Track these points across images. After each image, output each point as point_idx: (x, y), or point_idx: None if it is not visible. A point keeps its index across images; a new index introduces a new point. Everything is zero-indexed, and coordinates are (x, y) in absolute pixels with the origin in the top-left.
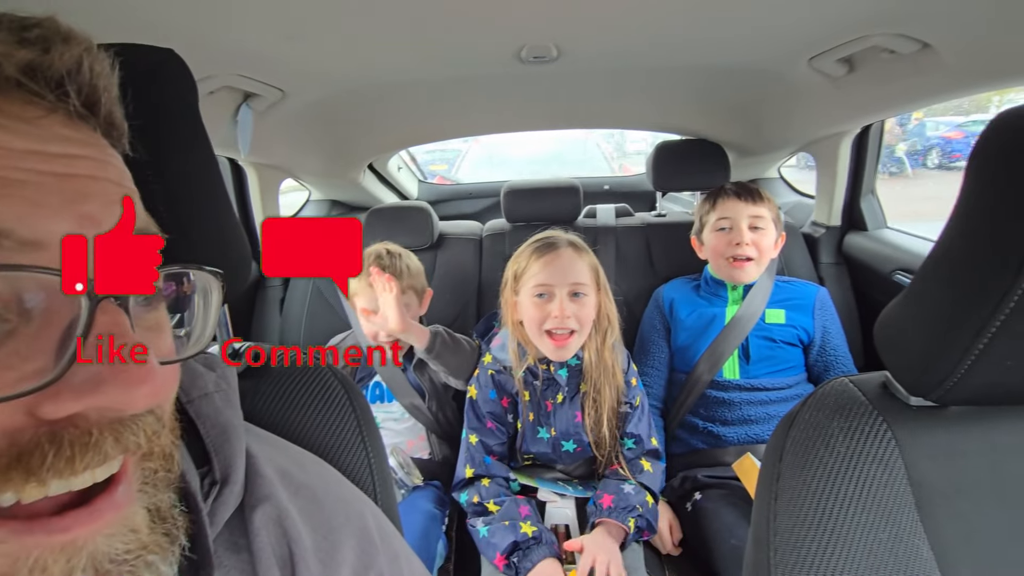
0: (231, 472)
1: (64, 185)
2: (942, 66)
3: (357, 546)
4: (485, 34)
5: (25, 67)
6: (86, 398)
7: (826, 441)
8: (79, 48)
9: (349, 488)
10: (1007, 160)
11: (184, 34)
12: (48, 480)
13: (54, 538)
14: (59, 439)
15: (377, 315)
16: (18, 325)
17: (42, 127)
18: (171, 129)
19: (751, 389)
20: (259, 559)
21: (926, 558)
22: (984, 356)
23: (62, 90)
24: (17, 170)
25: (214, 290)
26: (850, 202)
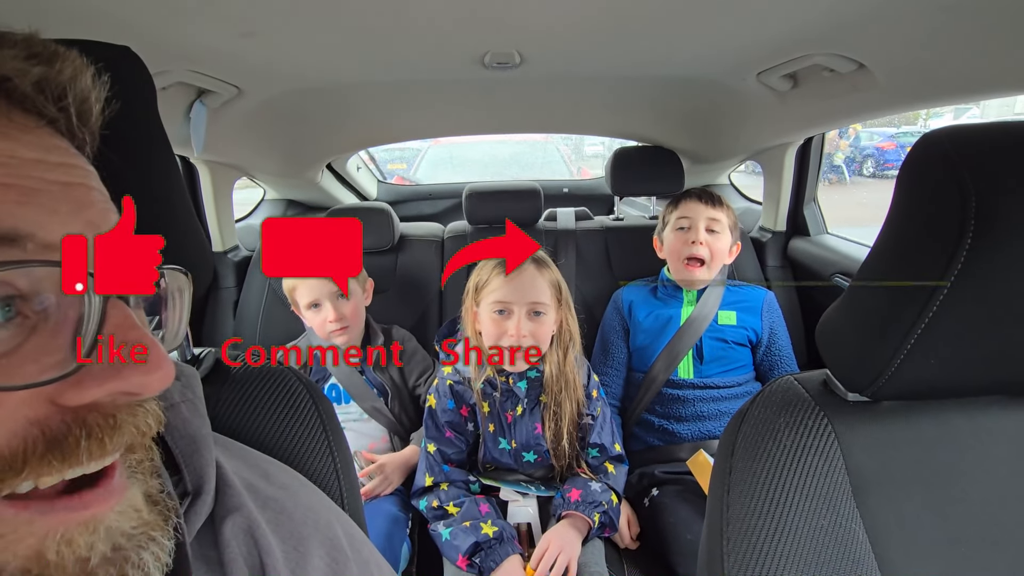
0: (203, 483)
1: (68, 193)
2: (876, 85)
3: (327, 555)
4: (450, 39)
5: (37, 82)
6: (109, 384)
7: (774, 435)
8: (73, 63)
9: (317, 496)
10: (930, 178)
11: (136, 28)
12: (82, 462)
13: (76, 514)
14: (87, 424)
15: None
16: (38, 321)
17: (28, 138)
18: (128, 129)
19: (704, 387)
20: (231, 570)
21: (862, 541)
22: (911, 355)
23: (62, 103)
24: (30, 179)
25: (185, 289)
26: (794, 209)
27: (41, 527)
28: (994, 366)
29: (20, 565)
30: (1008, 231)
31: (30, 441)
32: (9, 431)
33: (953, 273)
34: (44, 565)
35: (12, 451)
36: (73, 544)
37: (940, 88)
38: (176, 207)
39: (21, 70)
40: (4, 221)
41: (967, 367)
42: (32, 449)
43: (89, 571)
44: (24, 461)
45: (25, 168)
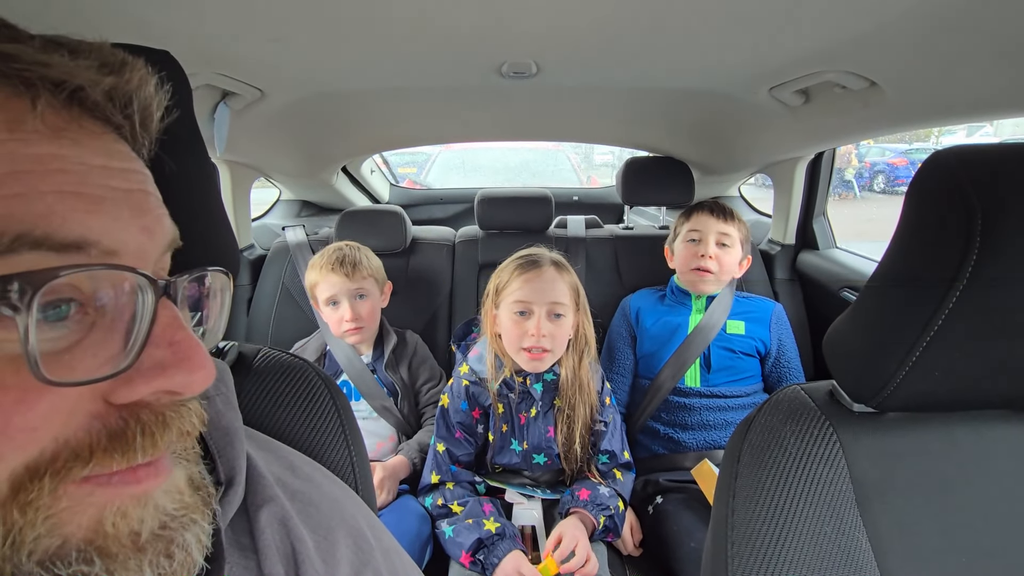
0: (235, 474)
1: (129, 199)
2: (886, 102)
3: (353, 544)
4: (470, 48)
5: (108, 91)
6: (155, 382)
7: (779, 443)
8: (140, 72)
9: (339, 487)
10: (937, 197)
11: (169, 32)
12: (138, 457)
13: (130, 489)
14: (142, 421)
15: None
16: (96, 319)
17: (98, 144)
18: (168, 130)
19: (711, 396)
20: (265, 556)
21: (865, 549)
22: (916, 367)
23: (128, 111)
24: (98, 186)
25: (226, 289)
26: (803, 222)
27: (100, 498)
28: (998, 380)
29: (83, 536)
30: (1012, 248)
31: (94, 434)
32: (76, 424)
33: (958, 288)
34: (103, 536)
35: (79, 443)
36: (127, 516)
37: (949, 107)
38: (213, 208)
39: (94, 80)
40: (74, 230)
41: (971, 380)
42: (97, 442)
43: (140, 546)
44: (91, 452)
45: (93, 175)
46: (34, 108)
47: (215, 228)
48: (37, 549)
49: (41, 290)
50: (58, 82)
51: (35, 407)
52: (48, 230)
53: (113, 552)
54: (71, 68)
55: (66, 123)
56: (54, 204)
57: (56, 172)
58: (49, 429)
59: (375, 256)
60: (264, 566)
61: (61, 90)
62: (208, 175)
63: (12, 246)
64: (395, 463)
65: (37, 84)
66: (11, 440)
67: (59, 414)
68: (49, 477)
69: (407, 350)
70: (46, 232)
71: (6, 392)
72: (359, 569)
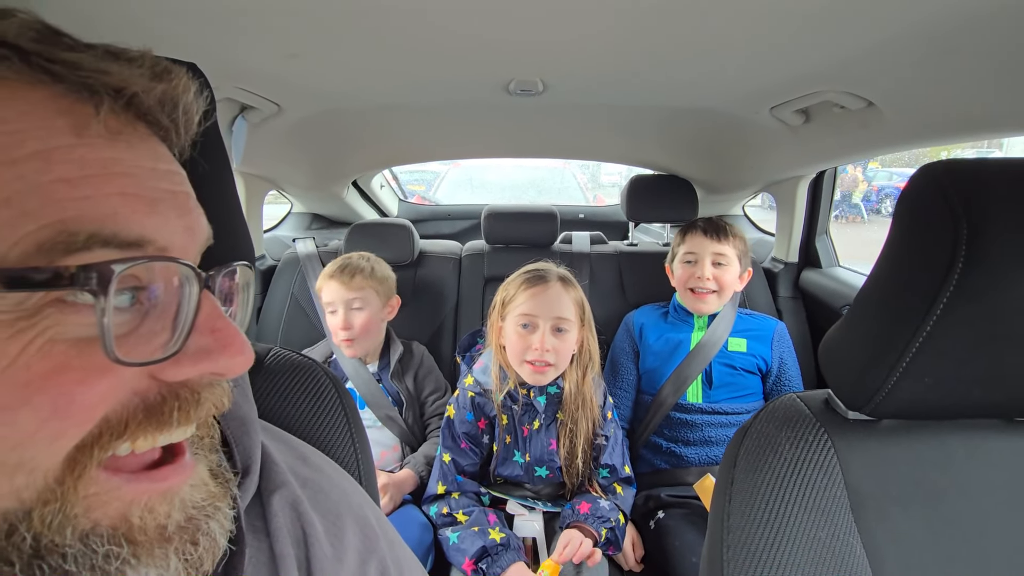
0: (251, 462)
1: (175, 201)
2: (884, 122)
3: (360, 532)
4: (479, 65)
5: (160, 99)
6: (201, 364)
7: (775, 449)
8: (183, 79)
9: (347, 479)
10: (925, 208)
11: (193, 47)
12: (172, 430)
13: (157, 485)
14: (180, 397)
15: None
16: (150, 308)
17: (148, 147)
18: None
19: (712, 412)
20: (276, 538)
21: (859, 554)
22: (907, 374)
23: (174, 116)
24: (151, 188)
25: (251, 282)
26: (806, 241)
27: (128, 493)
28: (987, 387)
29: (110, 523)
30: (996, 259)
31: (131, 409)
32: (118, 400)
33: (945, 296)
34: (129, 527)
35: (118, 418)
36: (154, 512)
37: (945, 127)
38: (234, 212)
39: (147, 87)
40: (135, 230)
41: (961, 387)
42: (133, 416)
43: (167, 537)
44: (126, 426)
45: (146, 178)
46: (97, 113)
47: (236, 228)
48: (77, 526)
49: (115, 277)
50: (118, 88)
51: (95, 387)
52: (115, 229)
53: (139, 540)
54: (128, 75)
55: (122, 127)
56: (118, 206)
57: (118, 175)
58: (104, 407)
59: (388, 270)
60: (276, 547)
61: (120, 96)
62: (231, 179)
63: (87, 244)
64: (402, 476)
65: (100, 91)
66: (73, 418)
67: (114, 393)
68: (96, 452)
69: (413, 360)
70: (113, 231)
71: (71, 373)
72: (365, 557)
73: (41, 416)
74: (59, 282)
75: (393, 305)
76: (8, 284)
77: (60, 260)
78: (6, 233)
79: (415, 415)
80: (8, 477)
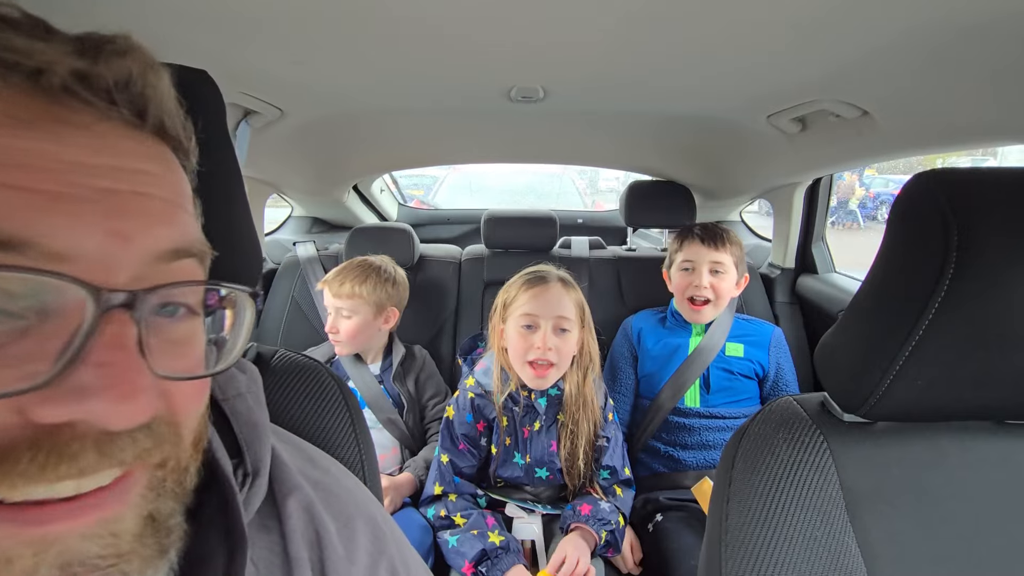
0: (260, 467)
1: (104, 200)
2: (878, 130)
3: (370, 532)
4: (481, 73)
5: (74, 74)
6: (71, 406)
7: (772, 450)
8: (133, 62)
9: (354, 480)
10: (917, 215)
11: (201, 53)
12: (20, 485)
13: (26, 531)
14: (38, 445)
15: None
16: (33, 324)
17: (97, 134)
18: (204, 146)
19: (710, 416)
20: (290, 540)
21: (854, 553)
22: (900, 376)
23: (111, 98)
24: (67, 183)
25: (248, 308)
26: (803, 247)
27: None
28: (979, 389)
29: None
30: (986, 264)
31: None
32: None
33: (936, 300)
34: None
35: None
36: (12, 565)
37: (938, 135)
38: (243, 222)
39: (54, 61)
40: (8, 228)
41: (953, 389)
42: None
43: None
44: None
45: (63, 172)
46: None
47: (245, 243)
48: None
49: None
50: (38, 69)
51: None
52: None
53: None
54: (54, 54)
55: (40, 114)
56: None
57: (12, 167)
58: None
59: (389, 285)
60: (290, 549)
61: (38, 76)
62: (242, 190)
63: None
64: (401, 480)
65: (11, 71)
66: None
67: None
68: None
69: (415, 364)
70: None
71: None
72: (376, 557)
73: None
74: None
75: (389, 317)
76: None
77: None
78: None
79: (415, 418)
80: None
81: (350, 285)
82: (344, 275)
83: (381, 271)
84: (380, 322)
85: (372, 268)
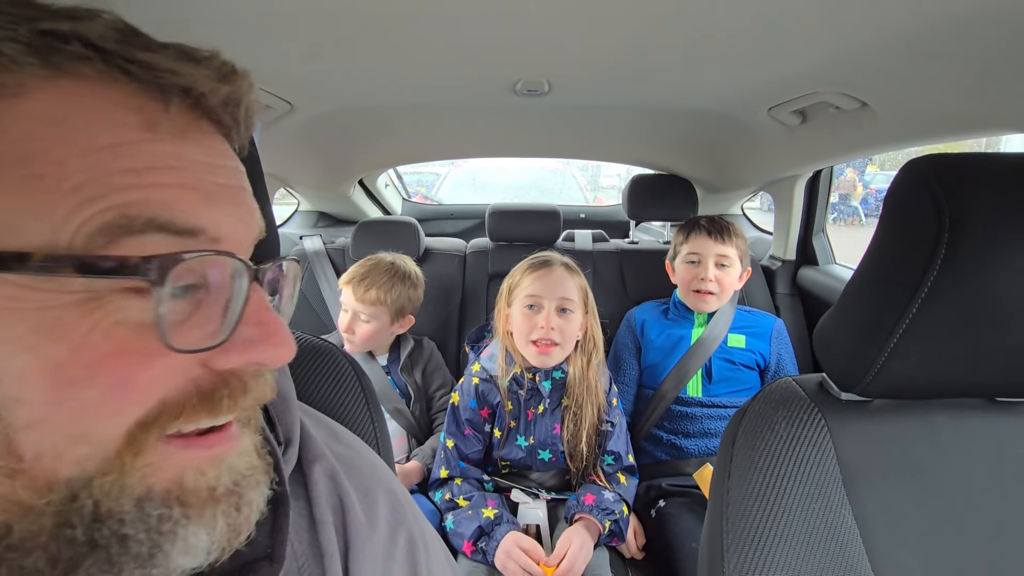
0: (292, 436)
1: (231, 195)
2: (877, 122)
3: (389, 503)
4: (487, 66)
5: (225, 98)
6: (247, 354)
7: (771, 428)
8: (248, 86)
9: (374, 455)
10: (912, 198)
11: (215, 46)
12: (202, 419)
13: (207, 451)
14: (230, 385)
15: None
16: (204, 297)
17: (210, 143)
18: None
19: (712, 406)
20: (316, 504)
21: (850, 525)
22: (895, 354)
23: (236, 115)
24: (209, 182)
25: (297, 275)
26: (803, 239)
27: (181, 459)
28: (970, 366)
29: (164, 487)
30: (976, 246)
31: (186, 394)
32: (176, 385)
33: (929, 281)
34: (182, 490)
35: (175, 401)
36: (205, 475)
37: (936, 126)
38: (267, 213)
39: (214, 88)
40: (190, 220)
41: (946, 367)
42: (188, 400)
43: (216, 498)
44: (182, 409)
45: (205, 172)
46: (167, 111)
47: (270, 225)
48: (132, 493)
49: (174, 269)
50: (186, 88)
51: (151, 370)
52: (171, 217)
53: (191, 502)
54: (196, 76)
55: (188, 125)
56: (176, 196)
57: (179, 169)
58: (160, 389)
59: (411, 288)
60: (316, 512)
61: (188, 95)
62: (263, 182)
63: (143, 228)
64: (409, 467)
65: (170, 90)
66: (132, 397)
67: (169, 376)
68: (154, 431)
69: (423, 355)
70: (169, 219)
71: (130, 355)
72: (395, 527)
73: (104, 393)
74: (123, 270)
75: (405, 323)
76: (79, 269)
77: (119, 241)
78: (74, 217)
79: (422, 408)
80: (72, 447)
81: (376, 291)
82: (371, 280)
83: (407, 277)
84: (396, 327)
85: (399, 274)
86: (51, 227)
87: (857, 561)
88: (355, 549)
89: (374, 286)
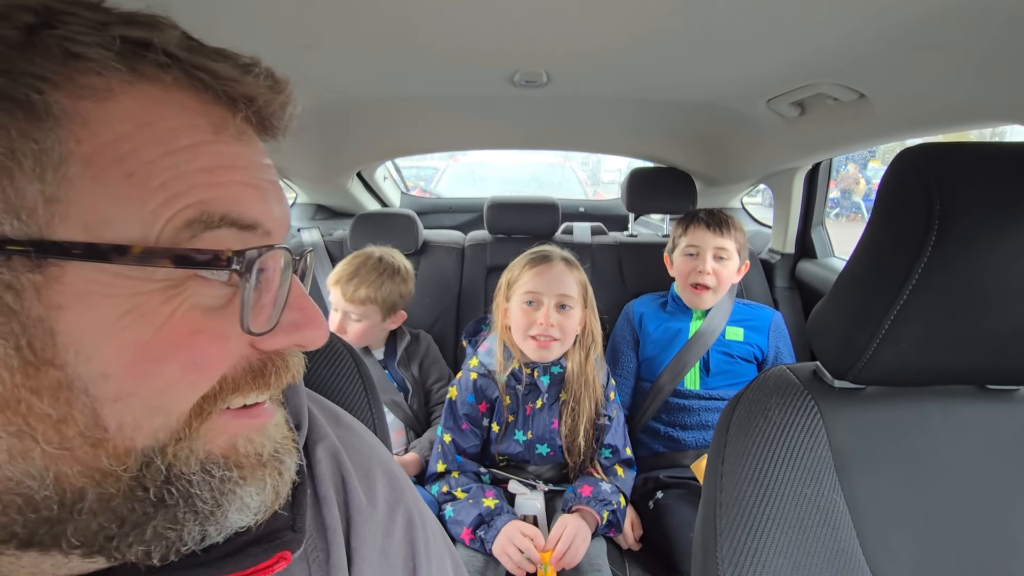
0: (300, 419)
1: (276, 190)
2: (875, 114)
3: (388, 484)
4: (485, 57)
5: (279, 107)
6: (292, 336)
7: (765, 414)
8: (289, 95)
9: (374, 438)
10: (903, 187)
11: (212, 39)
12: (250, 394)
13: (253, 421)
14: (275, 363)
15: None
16: (263, 287)
17: (257, 144)
18: None
19: (709, 398)
20: (320, 482)
21: (842, 510)
22: (886, 340)
23: (283, 120)
24: (261, 180)
25: (312, 266)
26: (802, 232)
27: (233, 428)
28: (960, 354)
29: (221, 452)
30: (965, 233)
31: (241, 370)
32: (235, 363)
33: (919, 267)
34: (236, 454)
35: (234, 378)
36: (253, 442)
37: (933, 118)
38: None
39: (271, 98)
40: (251, 214)
41: (936, 354)
42: (243, 376)
43: (263, 462)
44: (239, 385)
45: (258, 171)
46: (234, 117)
47: None
48: (198, 457)
49: (257, 261)
50: (249, 97)
51: (221, 348)
52: (239, 212)
53: (244, 464)
54: (254, 86)
55: (245, 128)
56: (240, 193)
57: (240, 168)
58: (224, 366)
59: (401, 284)
60: (320, 490)
61: (251, 104)
62: None
63: (220, 223)
64: (407, 459)
65: (237, 99)
66: (205, 372)
67: (231, 355)
68: (217, 403)
69: (420, 349)
70: (238, 214)
71: (205, 335)
72: (393, 505)
73: (182, 368)
74: (216, 263)
75: (397, 318)
76: (176, 262)
77: (200, 235)
78: (162, 212)
79: (420, 402)
80: (149, 418)
81: (365, 290)
82: (359, 279)
83: (396, 273)
84: (388, 323)
85: (388, 271)
86: (141, 222)
87: (848, 544)
88: (356, 526)
89: (363, 285)
